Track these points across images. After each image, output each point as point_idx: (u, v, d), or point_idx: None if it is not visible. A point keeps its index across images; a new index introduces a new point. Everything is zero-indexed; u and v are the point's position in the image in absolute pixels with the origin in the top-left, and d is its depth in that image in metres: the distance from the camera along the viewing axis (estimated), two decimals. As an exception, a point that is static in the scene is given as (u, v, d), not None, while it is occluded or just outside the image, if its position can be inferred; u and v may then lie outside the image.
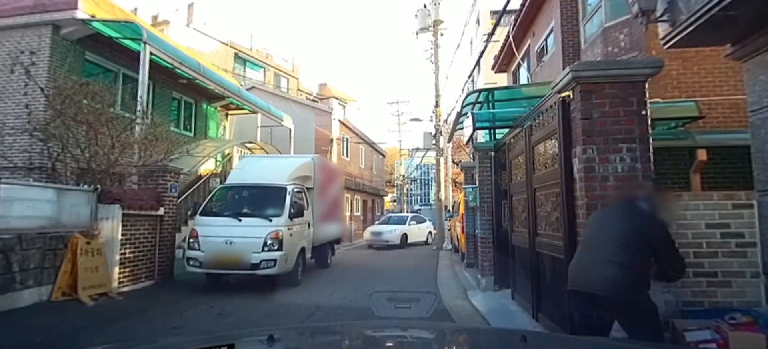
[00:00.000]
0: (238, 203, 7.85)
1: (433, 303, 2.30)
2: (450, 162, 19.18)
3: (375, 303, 2.26)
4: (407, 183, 49.86)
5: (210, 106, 15.27)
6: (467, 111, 7.47)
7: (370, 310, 2.33)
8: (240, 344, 1.34)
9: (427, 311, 2.19)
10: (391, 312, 2.24)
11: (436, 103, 17.24)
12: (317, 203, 9.28)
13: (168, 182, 7.83)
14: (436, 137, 17.65)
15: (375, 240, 16.85)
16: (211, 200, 7.88)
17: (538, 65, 11.66)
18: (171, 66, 11.22)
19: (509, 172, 5.82)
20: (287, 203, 7.63)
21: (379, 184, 31.33)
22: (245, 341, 1.53)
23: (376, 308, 2.21)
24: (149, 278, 7.38)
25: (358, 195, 24.75)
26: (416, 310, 2.25)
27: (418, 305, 2.32)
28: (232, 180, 8.41)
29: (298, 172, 8.73)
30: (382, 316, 2.21)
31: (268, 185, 7.97)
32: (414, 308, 2.27)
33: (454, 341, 1.71)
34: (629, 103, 3.48)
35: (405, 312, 2.21)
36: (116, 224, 6.49)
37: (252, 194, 7.96)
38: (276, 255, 7.07)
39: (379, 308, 2.23)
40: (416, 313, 2.20)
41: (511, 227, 5.73)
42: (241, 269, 6.93)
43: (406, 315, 2.17)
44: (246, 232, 7.11)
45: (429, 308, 2.22)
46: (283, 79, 30.69)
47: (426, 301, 2.36)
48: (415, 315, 2.18)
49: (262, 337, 1.43)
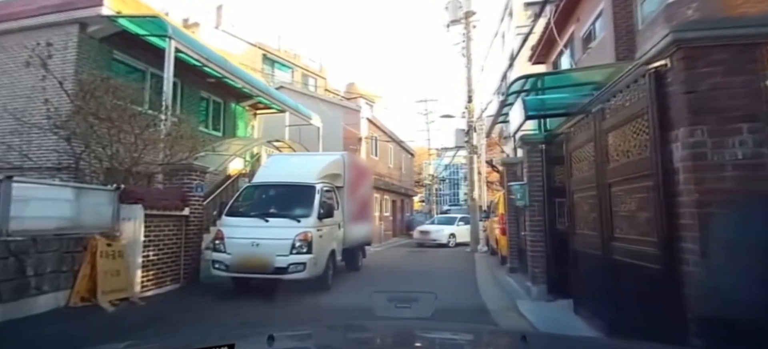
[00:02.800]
0: (265, 202, 7.40)
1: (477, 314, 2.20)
2: (484, 159, 18.29)
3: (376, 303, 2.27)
4: (436, 183, 48.98)
5: (238, 106, 15.07)
6: (512, 100, 6.73)
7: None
8: (240, 344, 1.30)
9: (427, 311, 2.15)
10: (392, 312, 2.20)
11: (470, 97, 16.42)
12: (347, 203, 8.74)
13: (193, 181, 7.47)
14: (469, 134, 16.82)
15: (424, 239, 18.09)
16: (237, 199, 7.47)
17: (585, 52, 10.72)
18: (198, 63, 10.99)
19: (568, 166, 5.06)
20: (316, 203, 7.11)
21: (408, 184, 30.66)
22: (245, 341, 1.53)
23: (376, 308, 2.22)
24: (174, 282, 7.02)
25: (387, 195, 24.17)
26: (417, 310, 2.21)
27: (418, 305, 2.28)
28: (259, 179, 7.97)
29: (327, 170, 8.22)
30: (382, 316, 2.19)
31: (296, 183, 7.48)
32: (414, 308, 2.23)
33: (454, 340, 1.72)
34: (748, 71, 2.72)
35: (406, 312, 2.18)
36: (138, 225, 6.14)
37: (279, 194, 7.50)
38: (305, 258, 6.56)
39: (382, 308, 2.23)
40: (417, 313, 2.16)
41: (572, 230, 4.97)
42: (268, 273, 6.46)
43: (407, 315, 2.14)
44: (273, 233, 6.63)
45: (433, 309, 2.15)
46: (310, 80, 30.54)
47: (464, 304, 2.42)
48: (416, 315, 2.14)
49: (262, 337, 1.43)
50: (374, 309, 2.21)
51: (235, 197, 7.48)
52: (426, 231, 18.71)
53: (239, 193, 7.60)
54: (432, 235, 18.10)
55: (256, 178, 8.08)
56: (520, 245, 8.33)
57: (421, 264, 12.38)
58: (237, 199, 7.45)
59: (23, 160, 7.35)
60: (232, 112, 14.69)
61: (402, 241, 23.68)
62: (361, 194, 10.21)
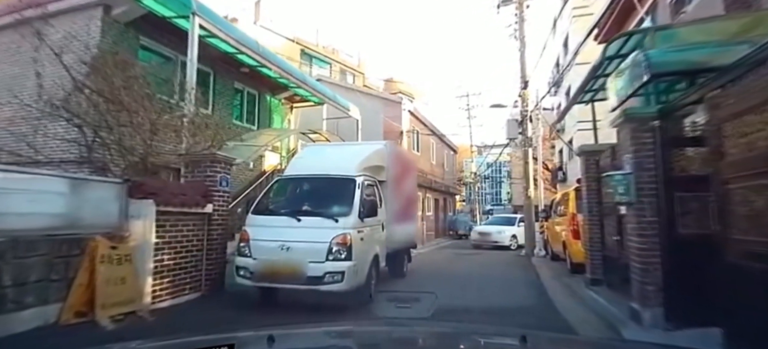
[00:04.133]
0: (297, 198, 6.29)
1: None
2: (541, 152, 16.50)
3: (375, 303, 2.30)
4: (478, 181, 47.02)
5: (274, 98, 14.20)
6: (608, 66, 5.22)
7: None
8: (240, 344, 1.30)
9: (427, 311, 2.07)
10: (393, 312, 2.14)
11: (525, 84, 14.71)
12: (391, 200, 7.49)
13: (217, 174, 6.49)
14: (523, 124, 15.11)
15: (483, 241, 16.54)
16: (266, 194, 6.39)
17: (676, 16, 8.87)
18: (230, 49, 10.11)
19: (716, 145, 3.53)
20: (357, 199, 5.91)
21: (451, 182, 29.06)
22: (245, 341, 1.52)
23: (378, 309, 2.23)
24: (195, 290, 6.06)
25: (430, 193, 22.73)
26: (417, 310, 2.13)
27: (419, 305, 2.18)
28: (292, 171, 6.87)
29: (369, 161, 7.00)
30: (383, 316, 2.15)
31: (333, 176, 6.32)
32: (414, 308, 2.15)
33: (454, 340, 1.73)
34: None
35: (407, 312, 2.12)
36: (150, 224, 5.18)
37: (314, 188, 6.36)
38: (344, 266, 5.36)
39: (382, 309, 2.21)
40: (417, 313, 2.08)
41: (724, 234, 3.45)
42: (300, 283, 5.31)
43: (407, 315, 2.08)
44: (306, 235, 5.49)
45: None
46: (349, 76, 29.68)
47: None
48: (416, 315, 2.06)
49: (262, 337, 1.42)
50: (374, 309, 2.22)
51: (264, 192, 6.40)
52: (486, 232, 17.21)
53: (269, 187, 6.52)
54: (493, 237, 16.59)
55: (288, 170, 6.98)
56: (606, 251, 6.74)
57: (475, 269, 10.92)
58: (266, 194, 6.38)
59: (38, 152, 6.64)
60: (267, 104, 13.84)
61: (445, 242, 22.26)
62: (406, 190, 8.93)
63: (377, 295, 2.59)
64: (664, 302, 4.52)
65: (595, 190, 7.03)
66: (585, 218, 7.33)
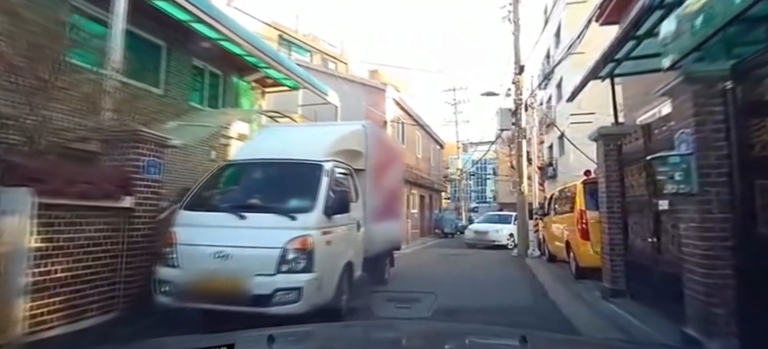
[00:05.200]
0: (245, 190, 4.86)
1: None
2: (535, 144, 15.34)
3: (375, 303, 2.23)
4: (464, 178, 46.07)
5: (242, 80, 12.57)
6: (646, 20, 3.94)
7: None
8: (240, 344, 1.29)
9: (427, 311, 2.03)
10: (392, 312, 2.09)
11: (521, 69, 13.48)
12: (371, 193, 6.13)
13: (143, 158, 5.01)
14: (517, 114, 13.91)
15: (479, 240, 15.80)
16: (205, 185, 4.93)
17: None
18: (185, 14, 8.44)
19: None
20: (323, 191, 4.52)
21: (437, 178, 27.84)
22: (245, 340, 1.52)
23: (376, 308, 2.19)
24: (106, 310, 4.57)
25: (415, 190, 21.42)
26: (417, 310, 2.08)
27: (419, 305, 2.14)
28: (243, 155, 5.42)
29: (341, 144, 5.62)
30: (383, 316, 2.11)
31: (293, 161, 4.91)
32: (414, 308, 2.11)
33: (454, 340, 1.71)
34: None
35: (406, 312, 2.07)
36: (24, 222, 3.69)
37: (268, 177, 4.94)
38: (302, 280, 3.97)
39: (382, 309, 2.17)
40: (417, 313, 2.05)
41: None
42: (240, 303, 3.89)
43: (407, 315, 2.04)
44: (252, 238, 4.08)
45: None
46: (331, 65, 28.14)
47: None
48: (416, 315, 2.03)
49: (262, 336, 1.43)
50: (374, 309, 2.16)
51: (203, 182, 4.92)
52: (482, 231, 16.33)
53: (209, 175, 5.04)
54: (490, 235, 15.77)
55: (237, 154, 5.52)
56: (631, 257, 5.51)
57: (466, 273, 9.67)
58: (205, 184, 4.91)
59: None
60: (233, 87, 12.22)
61: (431, 241, 21.04)
62: (390, 182, 7.58)
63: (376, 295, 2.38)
64: (739, 332, 3.28)
65: (616, 181, 5.81)
66: (603, 216, 6.10)
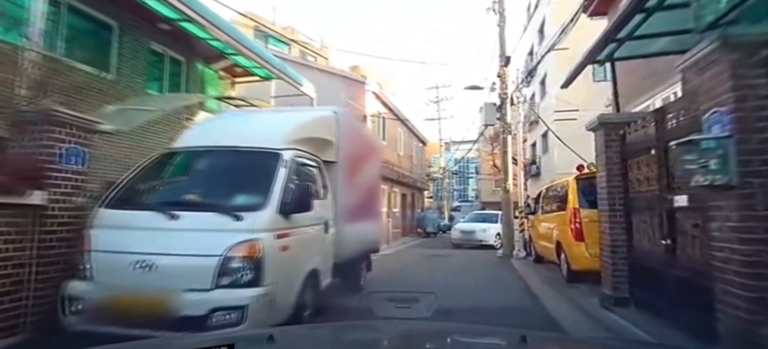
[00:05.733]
0: (183, 184, 4.00)
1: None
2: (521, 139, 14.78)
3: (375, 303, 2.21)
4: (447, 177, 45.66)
5: (208, 68, 11.56)
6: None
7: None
8: (240, 344, 1.28)
9: (427, 311, 2.11)
10: (392, 312, 2.15)
11: (506, 60, 12.86)
12: (344, 189, 5.33)
13: (61, 145, 4.09)
14: (503, 108, 13.30)
15: (465, 239, 15.51)
16: (135, 178, 4.03)
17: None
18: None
19: None
20: (279, 184, 3.69)
21: (420, 176, 27.17)
22: (245, 340, 1.51)
23: (376, 308, 2.18)
24: (7, 334, 3.65)
25: (397, 188, 20.69)
26: (417, 310, 2.15)
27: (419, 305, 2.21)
28: (184, 142, 4.53)
29: (307, 131, 4.79)
30: (382, 316, 2.14)
31: (244, 149, 4.07)
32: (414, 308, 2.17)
33: (454, 340, 1.72)
34: None
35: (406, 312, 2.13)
36: None
37: (212, 167, 4.08)
38: (246, 297, 3.14)
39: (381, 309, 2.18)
40: (417, 313, 2.11)
41: None
42: (167, 326, 3.03)
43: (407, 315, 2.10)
44: (184, 243, 3.22)
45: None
46: (310, 59, 27.17)
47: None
48: (416, 315, 2.09)
49: (262, 336, 1.43)
50: (374, 309, 2.16)
51: (131, 175, 4.01)
52: (469, 231, 15.92)
53: (139, 166, 4.13)
54: (477, 235, 15.44)
55: (179, 141, 4.62)
56: (636, 260, 4.86)
57: (450, 277, 8.95)
58: (136, 177, 4.01)
59: None
60: (198, 76, 11.16)
61: (412, 241, 20.36)
62: (367, 177, 6.79)
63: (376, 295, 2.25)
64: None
65: (618, 175, 5.16)
66: (602, 214, 5.44)
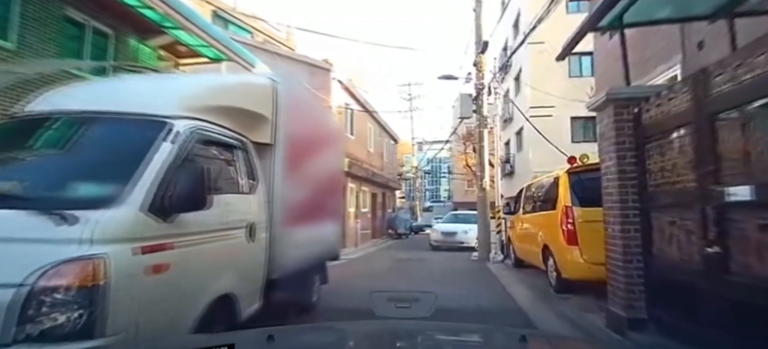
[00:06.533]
0: (4, 165, 2.58)
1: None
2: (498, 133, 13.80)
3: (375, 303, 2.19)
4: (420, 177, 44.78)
5: (143, 44, 9.95)
6: None
7: None
8: (240, 344, 1.26)
9: (427, 311, 2.11)
10: (392, 312, 2.14)
11: (483, 47, 11.82)
12: (285, 181, 3.97)
13: None
14: (479, 100, 12.27)
15: (445, 241, 15.09)
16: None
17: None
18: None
19: None
20: (155, 166, 2.34)
21: (391, 175, 25.99)
22: (245, 340, 1.52)
23: (376, 309, 2.16)
24: None
25: (366, 186, 19.40)
26: (417, 310, 2.15)
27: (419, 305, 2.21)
28: (36, 106, 3.08)
29: (222, 98, 3.41)
30: (382, 316, 2.13)
31: (109, 115, 2.69)
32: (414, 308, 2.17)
33: (454, 340, 1.73)
34: None
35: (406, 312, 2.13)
36: None
37: (53, 141, 2.68)
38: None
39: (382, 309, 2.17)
40: (417, 313, 2.10)
41: None
42: None
43: (407, 315, 2.11)
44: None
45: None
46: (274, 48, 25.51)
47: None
48: (416, 315, 2.09)
49: (262, 336, 1.45)
50: (374, 309, 2.15)
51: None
52: (450, 232, 15.43)
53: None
54: (458, 237, 15.05)
55: (30, 105, 3.15)
56: (657, 270, 3.77)
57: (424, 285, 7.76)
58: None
59: None
60: (130, 52, 9.56)
61: (383, 243, 19.17)
62: (321, 167, 5.45)
63: (377, 294, 2.20)
64: None
65: (632, 163, 4.08)
66: (609, 213, 4.34)
